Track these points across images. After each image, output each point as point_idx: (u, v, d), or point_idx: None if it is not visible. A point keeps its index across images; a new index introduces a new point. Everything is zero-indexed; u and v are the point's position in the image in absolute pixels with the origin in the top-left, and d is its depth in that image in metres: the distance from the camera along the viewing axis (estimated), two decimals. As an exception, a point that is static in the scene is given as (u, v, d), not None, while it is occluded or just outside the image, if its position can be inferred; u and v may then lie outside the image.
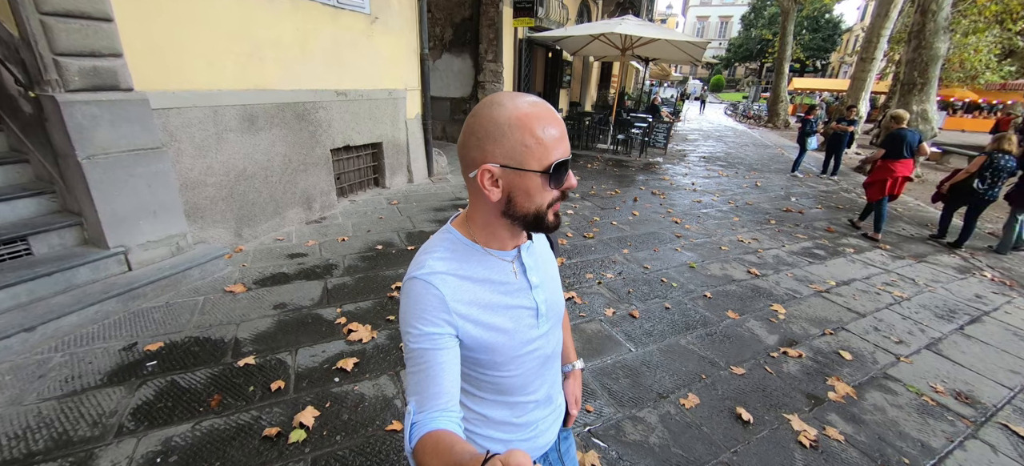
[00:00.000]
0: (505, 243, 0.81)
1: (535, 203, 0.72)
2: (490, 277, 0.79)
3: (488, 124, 0.69)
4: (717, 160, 9.94)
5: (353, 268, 3.43)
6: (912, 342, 2.94)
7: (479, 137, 0.70)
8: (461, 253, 0.78)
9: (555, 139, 0.69)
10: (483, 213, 0.77)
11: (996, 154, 4.61)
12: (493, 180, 0.71)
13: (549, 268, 0.91)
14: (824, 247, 4.65)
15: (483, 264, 0.79)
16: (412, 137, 5.69)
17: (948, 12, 8.74)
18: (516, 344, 0.81)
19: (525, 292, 0.82)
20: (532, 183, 0.70)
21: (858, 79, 12.54)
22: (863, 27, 34.19)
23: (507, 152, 0.68)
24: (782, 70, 19.70)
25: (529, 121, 0.68)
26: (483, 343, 0.77)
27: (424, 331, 0.71)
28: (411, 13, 5.31)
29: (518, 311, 0.81)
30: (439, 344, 0.71)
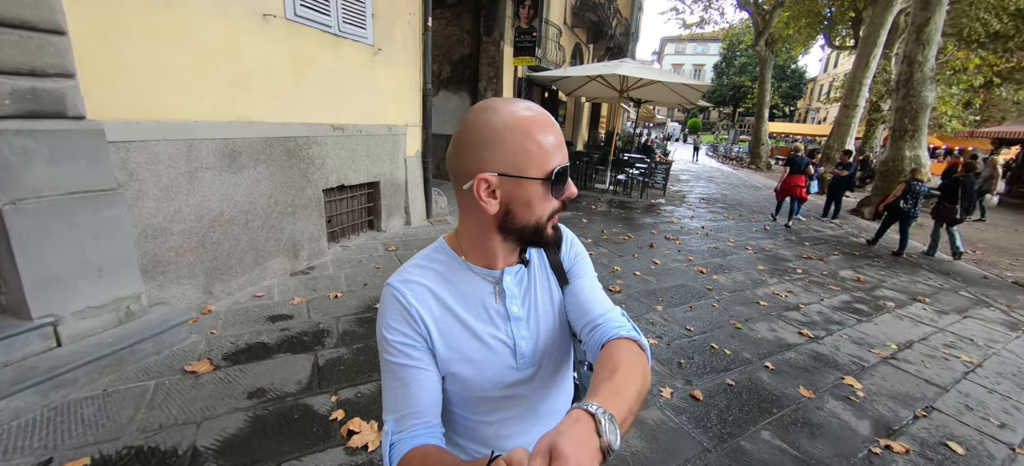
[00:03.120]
0: (494, 260, 0.74)
1: (535, 214, 0.66)
2: (466, 295, 0.73)
3: (484, 129, 0.63)
4: (717, 202, 9.78)
5: (349, 335, 2.84)
6: (1015, 425, 2.51)
7: (474, 144, 0.64)
8: (442, 265, 0.74)
9: (554, 145, 0.64)
10: (476, 227, 0.71)
11: (913, 182, 6.15)
12: (490, 190, 0.64)
13: (544, 303, 0.78)
14: (863, 301, 4.29)
15: (462, 280, 0.73)
16: (411, 176, 5.21)
17: (933, 63, 9.03)
18: (486, 382, 0.72)
19: (502, 322, 0.73)
20: (533, 192, 0.65)
21: (843, 124, 12.89)
22: (832, 77, 36.32)
23: (505, 159, 0.63)
24: (762, 114, 20.36)
25: (527, 125, 0.63)
26: (450, 369, 0.71)
27: (394, 341, 0.68)
28: (414, 47, 4.96)
29: (490, 342, 0.72)
30: (414, 357, 0.67)
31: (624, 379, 0.58)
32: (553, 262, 0.82)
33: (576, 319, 0.77)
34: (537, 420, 0.78)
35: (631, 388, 0.57)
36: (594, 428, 0.47)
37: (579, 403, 0.52)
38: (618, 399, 0.53)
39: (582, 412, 0.49)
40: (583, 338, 0.75)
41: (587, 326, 0.74)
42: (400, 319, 0.67)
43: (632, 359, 0.63)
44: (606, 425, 0.48)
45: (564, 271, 0.82)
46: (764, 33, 18.64)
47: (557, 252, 0.83)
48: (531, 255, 0.80)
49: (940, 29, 8.92)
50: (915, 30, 8.99)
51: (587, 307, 0.77)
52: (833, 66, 38.91)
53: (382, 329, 0.69)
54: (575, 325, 0.78)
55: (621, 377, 0.58)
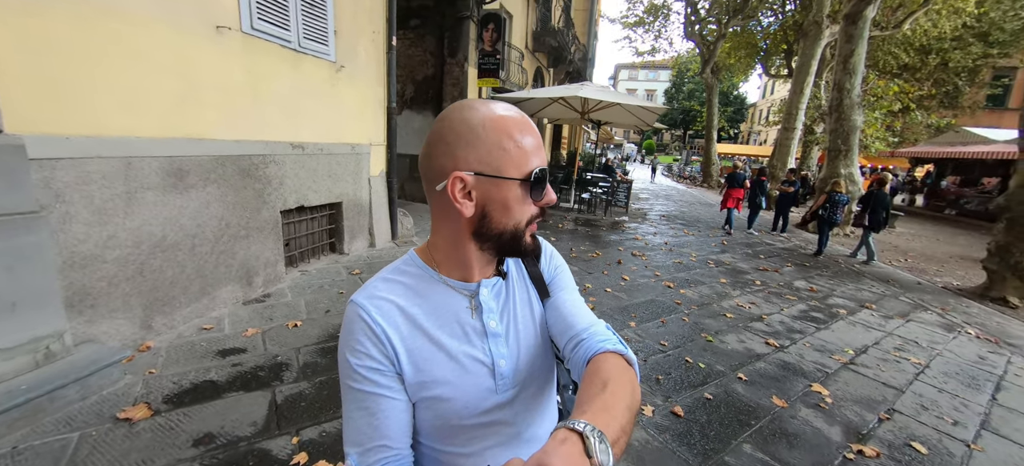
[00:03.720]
0: (470, 272, 0.68)
1: (513, 218, 0.62)
2: (438, 311, 0.66)
3: (460, 126, 0.60)
4: (677, 219, 10.16)
5: (311, 367, 2.61)
6: (966, 422, 2.67)
7: (449, 142, 0.60)
8: (412, 278, 0.68)
9: (533, 147, 0.61)
10: (449, 233, 0.65)
11: (833, 193, 7.13)
12: (465, 191, 0.60)
13: (524, 318, 0.73)
14: (818, 309, 4.52)
15: (434, 294, 0.67)
16: (376, 196, 5.02)
17: (859, 90, 9.97)
18: (462, 407, 0.65)
19: (479, 339, 0.67)
20: (511, 194, 0.61)
21: (783, 146, 13.87)
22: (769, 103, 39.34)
23: (482, 158, 0.59)
24: (711, 136, 21.67)
25: (506, 124, 0.60)
26: (422, 395, 0.64)
27: (357, 366, 0.61)
28: (378, 65, 4.85)
29: (466, 361, 0.65)
30: (380, 383, 0.61)
31: (613, 394, 0.53)
32: (533, 274, 0.77)
33: (559, 334, 0.72)
34: (520, 448, 0.71)
35: (621, 404, 0.52)
36: (582, 448, 0.43)
37: (565, 421, 0.46)
38: (608, 416, 0.48)
39: (568, 431, 0.44)
40: (566, 354, 0.70)
41: (571, 341, 0.69)
42: (365, 340, 0.62)
43: (620, 374, 0.58)
44: (595, 444, 0.43)
45: (545, 283, 0.77)
46: (709, 62, 19.97)
47: (536, 263, 0.78)
48: (509, 267, 0.74)
49: (863, 59, 9.89)
50: (842, 60, 9.91)
51: (570, 321, 0.71)
52: (770, 93, 42.25)
53: (344, 351, 0.63)
54: (558, 340, 0.73)
55: (610, 393, 0.53)
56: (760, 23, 19.64)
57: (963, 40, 16.03)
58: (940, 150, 16.03)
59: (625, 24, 23.63)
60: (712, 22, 20.51)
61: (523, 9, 10.46)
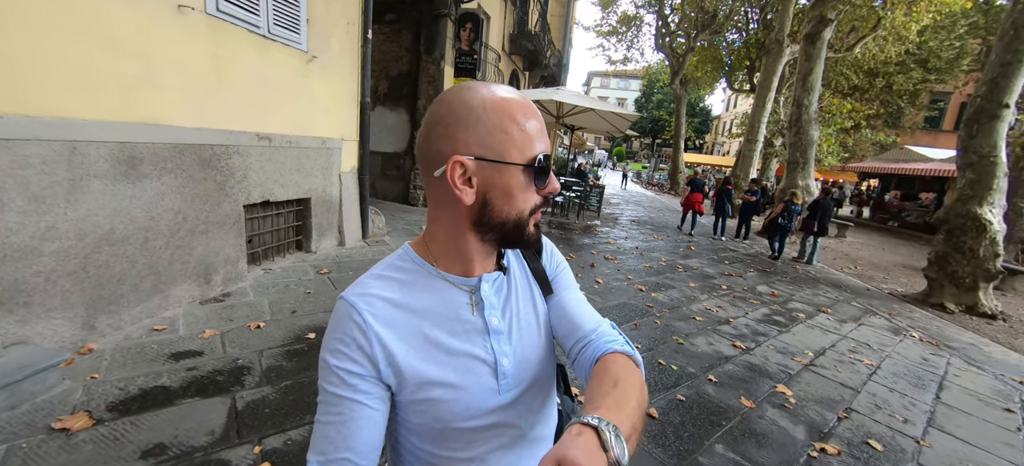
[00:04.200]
0: (470, 266, 0.64)
1: (516, 207, 0.58)
2: (435, 308, 0.62)
3: (459, 108, 0.56)
4: (647, 224, 10.40)
5: (275, 371, 2.47)
6: (915, 419, 2.84)
7: (447, 124, 0.57)
8: (408, 274, 0.63)
9: (537, 131, 0.58)
10: (448, 224, 0.61)
11: (789, 203, 7.86)
12: (465, 177, 0.56)
13: (526, 314, 0.70)
14: (780, 313, 4.72)
15: (432, 290, 0.63)
16: (346, 193, 4.85)
17: (816, 106, 10.57)
18: (463, 409, 0.61)
19: (480, 337, 0.63)
20: (514, 180, 0.57)
21: (746, 157, 14.49)
22: (733, 116, 41.12)
23: (483, 141, 0.56)
24: (679, 145, 22.40)
25: (509, 107, 0.57)
26: (418, 397, 0.59)
27: (337, 367, 0.56)
28: (352, 57, 4.69)
29: (468, 361, 0.62)
30: (358, 388, 0.56)
31: (624, 393, 0.55)
32: (536, 270, 0.74)
33: (565, 335, 0.71)
34: (525, 449, 0.68)
35: (632, 402, 0.54)
36: (598, 442, 0.44)
37: (579, 417, 0.47)
38: (620, 413, 0.50)
39: (583, 426, 0.45)
40: (573, 355, 0.70)
41: (579, 343, 0.69)
42: (351, 341, 0.57)
43: (630, 374, 0.60)
44: (611, 438, 0.44)
45: (548, 280, 0.74)
46: (678, 73, 20.66)
47: (538, 259, 0.75)
48: (509, 261, 0.71)
49: (820, 78, 10.49)
50: (801, 78, 10.48)
51: (578, 322, 0.70)
52: (733, 106, 44.18)
53: (326, 352, 0.58)
54: (564, 341, 0.72)
55: (621, 390, 0.55)
56: (726, 39, 20.54)
57: (906, 65, 17.39)
58: (884, 166, 17.22)
59: (599, 32, 24.12)
60: (681, 36, 21.23)
61: (501, 11, 10.46)
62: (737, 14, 18.56)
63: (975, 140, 5.94)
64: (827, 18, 10.09)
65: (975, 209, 5.74)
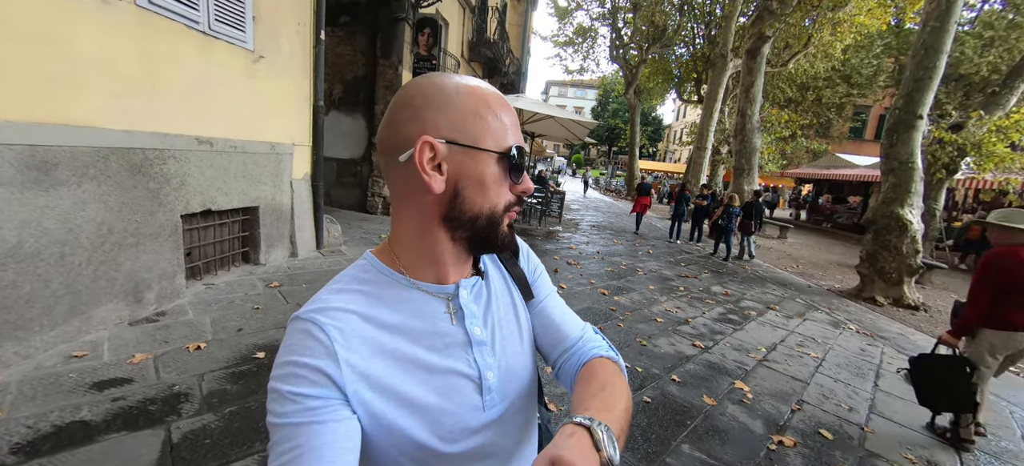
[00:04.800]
0: (443, 272, 0.58)
1: (490, 200, 0.53)
2: (409, 322, 0.55)
3: (430, 89, 0.52)
4: (606, 229, 10.64)
5: (219, 396, 2.25)
6: (858, 407, 3.04)
7: (416, 106, 0.51)
8: (374, 286, 0.56)
9: (511, 125, 0.54)
10: (416, 220, 0.55)
11: (729, 206, 8.51)
12: (435, 162, 0.51)
13: (508, 321, 0.64)
14: (734, 311, 4.94)
15: (403, 302, 0.55)
16: (298, 201, 4.59)
17: (758, 116, 11.30)
18: (445, 430, 0.54)
19: (462, 350, 0.57)
20: (487, 170, 0.52)
21: (696, 163, 15.22)
22: (682, 125, 43.28)
23: (456, 124, 0.51)
24: (634, 153, 23.25)
25: (483, 94, 0.53)
26: (390, 426, 0.51)
27: (294, 394, 0.46)
28: (304, 58, 4.46)
29: (449, 378, 0.55)
30: (321, 415, 0.46)
31: (611, 396, 0.55)
32: (516, 274, 0.69)
33: (551, 344, 0.69)
34: None
35: (620, 405, 0.54)
36: (591, 442, 0.44)
37: (570, 418, 0.47)
38: (610, 415, 0.50)
39: (575, 426, 0.45)
40: (557, 365, 0.69)
41: (565, 352, 0.68)
42: (310, 365, 0.48)
43: (616, 378, 0.60)
44: (604, 438, 0.44)
45: (528, 284, 0.70)
46: (632, 84, 21.47)
47: (516, 261, 0.71)
48: (486, 265, 0.66)
49: (761, 90, 11.24)
50: (744, 90, 11.17)
51: (564, 330, 0.69)
52: (683, 116, 46.53)
53: (277, 381, 0.48)
54: (549, 350, 0.70)
55: (609, 394, 0.55)
56: (674, 53, 21.63)
57: (832, 80, 19.20)
58: (817, 172, 18.70)
59: (556, 43, 24.63)
60: (634, 48, 22.11)
61: (459, 17, 10.41)
62: (684, 30, 19.58)
63: (895, 148, 6.55)
64: (765, 35, 10.85)
65: (898, 210, 6.32)
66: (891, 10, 12.66)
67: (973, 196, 15.44)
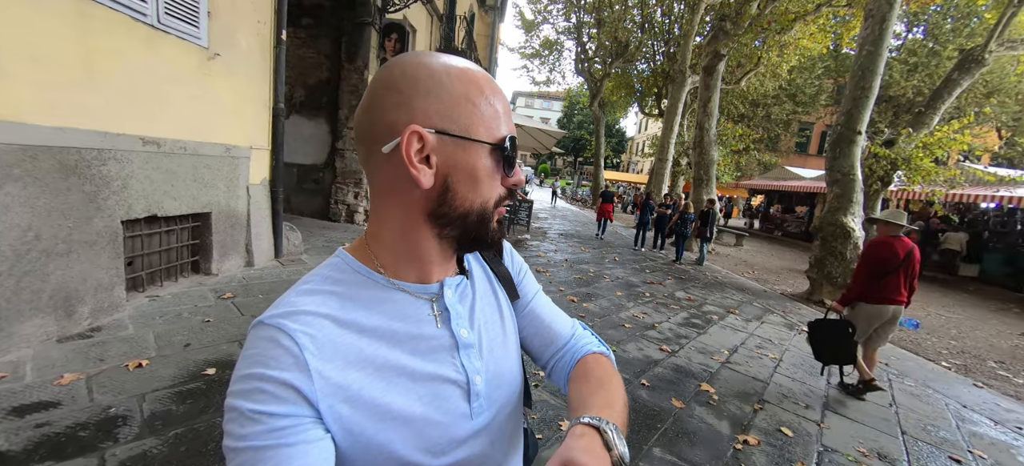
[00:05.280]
0: (426, 271, 0.54)
1: (481, 195, 0.49)
2: (390, 325, 0.50)
3: (419, 71, 0.47)
4: (573, 237, 10.79)
5: (163, 418, 2.05)
6: (813, 404, 3.19)
7: (402, 90, 0.46)
8: (349, 286, 0.50)
9: (504, 113, 0.50)
10: (399, 217, 0.50)
11: (685, 213, 9.20)
12: (423, 154, 0.46)
13: (494, 323, 0.60)
14: (697, 316, 5.10)
15: (383, 303, 0.51)
16: (255, 207, 4.34)
17: (715, 130, 11.87)
18: (430, 442, 0.49)
19: (448, 354, 0.53)
20: (480, 162, 0.48)
21: (658, 174, 15.76)
22: (644, 138, 44.86)
23: (447, 112, 0.46)
24: (599, 163, 23.80)
25: (474, 77, 0.48)
26: (369, 443, 0.46)
27: (258, 413, 0.40)
28: (264, 59, 4.26)
29: (435, 385, 0.51)
30: (289, 436, 0.40)
31: (610, 393, 0.55)
32: (500, 273, 0.66)
33: (542, 345, 0.68)
34: None
35: (619, 402, 0.54)
36: (602, 442, 0.44)
37: (578, 418, 0.47)
38: (612, 412, 0.50)
39: (585, 426, 0.45)
40: (549, 366, 0.68)
41: (557, 353, 0.67)
42: (276, 378, 0.42)
43: (612, 374, 0.61)
44: (614, 437, 0.45)
45: (514, 284, 0.67)
46: (597, 96, 22.09)
47: (500, 260, 0.68)
48: (470, 264, 0.62)
49: (717, 105, 11.82)
50: (702, 104, 11.72)
51: (556, 330, 0.68)
52: (645, 129, 48.28)
53: (237, 398, 0.42)
54: (540, 352, 0.69)
55: (608, 390, 0.56)
56: (636, 68, 22.45)
57: (780, 98, 20.62)
58: (768, 183, 19.85)
59: (523, 54, 25.01)
60: (598, 62, 22.78)
61: (427, 25, 10.34)
62: (645, 46, 20.39)
63: (838, 161, 7.04)
64: (720, 53, 11.46)
65: (842, 219, 6.78)
66: (830, 35, 13.75)
67: (904, 206, 16.85)
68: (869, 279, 3.29)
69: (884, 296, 3.27)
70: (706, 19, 15.65)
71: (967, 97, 16.84)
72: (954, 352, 5.24)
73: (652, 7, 19.23)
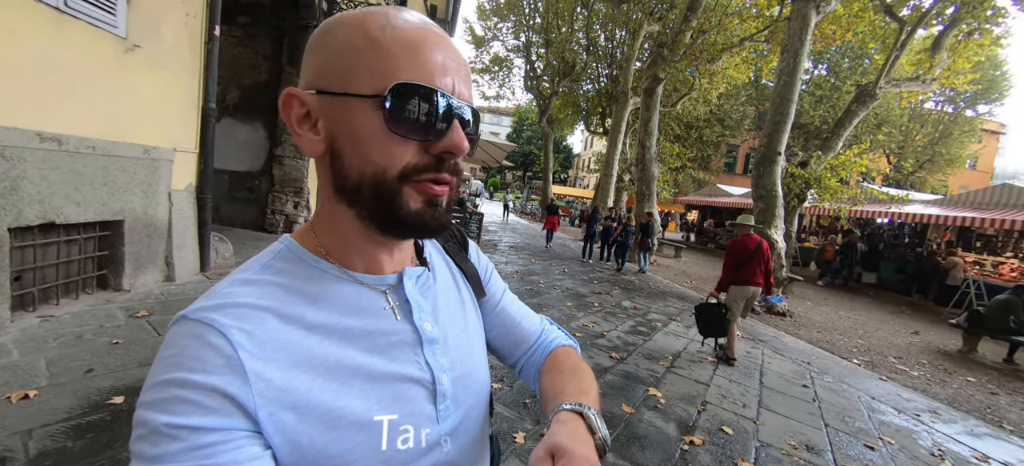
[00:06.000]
0: (371, 260, 0.48)
1: (372, 162, 0.41)
2: (343, 320, 0.44)
3: (322, 28, 0.42)
4: (523, 249, 10.88)
5: (54, 457, 1.75)
6: (749, 403, 3.40)
7: (309, 50, 0.43)
8: (294, 276, 0.44)
9: (421, 60, 0.40)
10: (324, 193, 0.46)
11: (626, 225, 9.93)
12: (304, 116, 0.42)
13: (458, 319, 0.56)
14: (643, 324, 5.30)
15: (335, 295, 0.45)
16: (179, 215, 3.93)
17: (656, 148, 12.62)
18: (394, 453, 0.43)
19: (410, 350, 0.47)
20: (360, 119, 0.40)
21: (603, 189, 16.40)
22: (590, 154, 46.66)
23: (326, 64, 0.41)
24: (548, 178, 24.37)
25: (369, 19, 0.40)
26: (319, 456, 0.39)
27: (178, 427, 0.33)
28: (192, 53, 3.92)
29: (397, 385, 0.45)
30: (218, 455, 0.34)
31: (584, 380, 0.57)
32: (466, 269, 0.63)
33: (513, 344, 0.67)
34: None
35: (593, 390, 0.56)
36: (586, 427, 0.45)
37: (561, 405, 0.48)
38: (589, 398, 0.52)
39: (569, 413, 0.46)
40: (520, 365, 0.68)
41: (527, 351, 0.67)
42: (202, 383, 0.35)
43: (582, 364, 0.62)
44: (595, 421, 0.46)
45: (482, 283, 0.64)
46: (545, 113, 22.72)
47: (466, 256, 0.64)
48: (430, 255, 0.58)
49: (657, 124, 12.59)
50: (643, 124, 12.42)
51: (526, 328, 0.67)
52: (590, 146, 50.31)
53: (150, 409, 0.34)
54: (510, 350, 0.67)
55: (581, 379, 0.57)
56: (582, 87, 23.43)
57: (710, 122, 22.48)
58: (702, 200, 21.38)
59: (473, 69, 25.17)
60: (546, 81, 23.50)
61: (375, 32, 10.14)
62: (591, 68, 21.37)
63: (762, 179, 7.73)
64: (659, 77, 12.25)
65: (767, 232, 7.41)
66: (752, 67, 15.22)
67: (816, 221, 18.81)
68: (734, 268, 4.37)
69: (746, 279, 4.31)
70: (645, 46, 16.71)
71: (863, 126, 19.32)
72: (862, 350, 5.86)
73: (596, 31, 20.24)
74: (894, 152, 24.87)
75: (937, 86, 10.13)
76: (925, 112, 23.67)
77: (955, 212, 10.75)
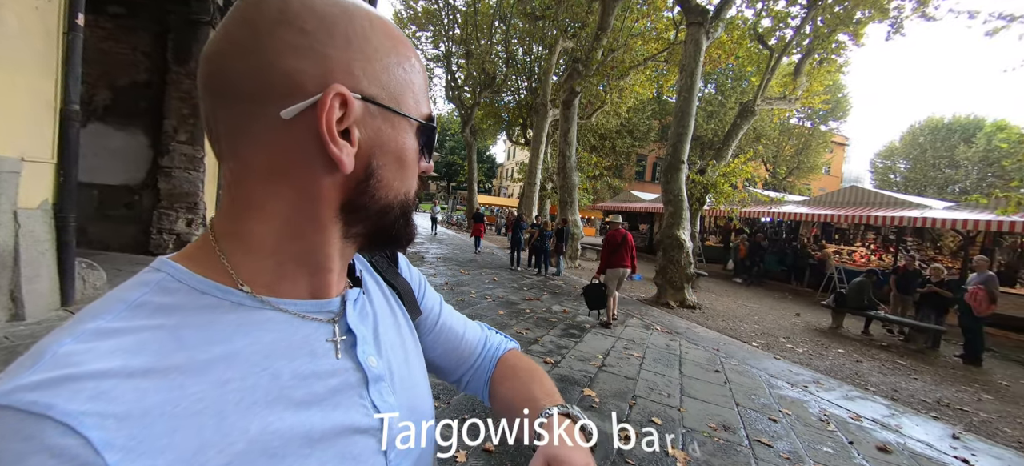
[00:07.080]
0: (323, 283, 0.40)
1: (406, 184, 0.41)
2: (269, 365, 0.34)
3: (333, 10, 0.35)
4: (452, 260, 10.70)
5: None
6: (673, 392, 3.65)
7: (310, 31, 0.34)
8: (186, 313, 0.33)
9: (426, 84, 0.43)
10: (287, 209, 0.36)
11: (543, 231, 10.26)
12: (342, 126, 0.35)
13: (396, 345, 0.47)
14: (572, 327, 5.47)
15: (251, 334, 0.35)
16: (29, 240, 3.22)
17: (575, 158, 13.26)
18: None
19: (355, 394, 0.39)
20: (408, 141, 0.39)
21: (527, 197, 16.79)
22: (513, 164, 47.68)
23: (375, 71, 0.36)
24: (473, 187, 24.39)
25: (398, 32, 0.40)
26: None
27: None
28: (47, 46, 3.25)
29: (343, 442, 0.36)
30: None
31: (544, 381, 0.57)
32: (399, 286, 0.54)
33: (456, 362, 0.62)
34: None
35: (554, 387, 0.56)
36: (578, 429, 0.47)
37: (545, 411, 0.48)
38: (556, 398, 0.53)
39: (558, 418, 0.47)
40: (466, 379, 0.62)
41: (473, 365, 0.62)
42: None
43: (533, 363, 0.63)
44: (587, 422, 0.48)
45: (416, 300, 0.57)
46: (468, 122, 22.78)
47: (396, 271, 0.56)
48: (361, 273, 0.50)
49: (576, 135, 13.25)
50: (563, 134, 13.00)
51: (469, 341, 0.62)
52: (513, 156, 51.46)
53: None
54: (453, 367, 0.62)
55: (540, 380, 0.57)
56: (503, 99, 23.94)
57: (621, 133, 24.29)
58: (618, 205, 22.87)
59: (392, 77, 24.43)
60: (467, 91, 23.61)
61: (281, 34, 9.36)
62: (511, 80, 21.92)
63: (669, 185, 8.48)
64: (575, 90, 12.94)
65: (676, 232, 8.13)
66: (655, 84, 16.77)
67: (714, 223, 21.14)
68: (609, 254, 5.89)
69: (618, 263, 5.85)
70: (561, 61, 17.56)
71: (745, 139, 22.17)
72: (758, 333, 6.65)
73: (515, 45, 20.84)
74: (769, 161, 29.00)
75: (799, 105, 12.01)
76: (791, 127, 27.94)
77: (818, 210, 12.81)
